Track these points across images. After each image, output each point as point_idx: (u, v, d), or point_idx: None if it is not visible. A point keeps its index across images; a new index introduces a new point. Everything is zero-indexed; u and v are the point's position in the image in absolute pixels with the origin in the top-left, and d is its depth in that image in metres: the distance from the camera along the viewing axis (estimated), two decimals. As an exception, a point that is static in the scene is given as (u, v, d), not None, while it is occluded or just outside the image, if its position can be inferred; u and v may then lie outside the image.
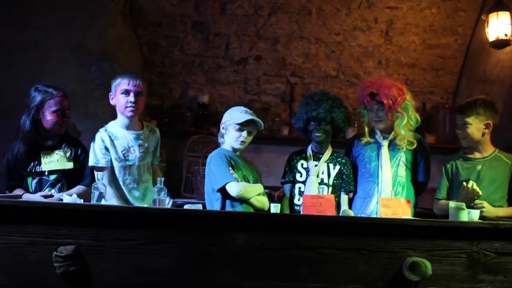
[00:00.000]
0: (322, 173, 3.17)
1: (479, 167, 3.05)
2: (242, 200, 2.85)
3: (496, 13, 3.89)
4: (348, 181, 3.17)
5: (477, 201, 2.86)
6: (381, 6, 4.62)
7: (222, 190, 2.83)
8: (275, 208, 2.64)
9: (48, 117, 2.98)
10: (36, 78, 3.88)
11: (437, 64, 4.95)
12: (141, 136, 3.09)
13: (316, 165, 3.17)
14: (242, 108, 3.02)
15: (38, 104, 2.96)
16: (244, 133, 2.95)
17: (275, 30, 4.80)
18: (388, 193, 2.94)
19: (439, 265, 2.19)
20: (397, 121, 3.10)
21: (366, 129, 3.22)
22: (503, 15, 3.86)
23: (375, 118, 3.13)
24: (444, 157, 3.26)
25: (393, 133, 3.14)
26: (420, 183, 3.21)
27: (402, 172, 3.11)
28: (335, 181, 3.16)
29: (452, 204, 2.51)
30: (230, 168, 2.86)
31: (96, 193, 2.56)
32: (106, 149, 2.98)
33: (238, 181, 2.82)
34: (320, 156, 3.20)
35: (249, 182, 2.95)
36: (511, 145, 3.47)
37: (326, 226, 2.24)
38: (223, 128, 3.00)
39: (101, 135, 3.01)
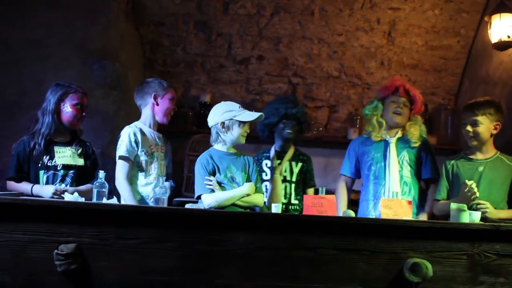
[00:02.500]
0: (285, 171, 3.35)
1: (481, 168, 3.03)
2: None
3: (499, 14, 3.88)
4: (310, 176, 3.41)
5: (480, 202, 2.86)
6: (383, 7, 4.61)
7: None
8: (276, 208, 2.64)
9: (69, 109, 3.07)
10: (38, 76, 3.91)
11: (439, 65, 4.93)
12: (161, 139, 3.24)
13: (279, 164, 3.35)
14: (233, 104, 3.02)
15: (62, 95, 3.06)
16: (247, 127, 3.00)
17: (277, 30, 4.79)
18: (397, 191, 2.96)
19: (440, 267, 2.20)
20: (410, 122, 3.22)
21: (383, 122, 3.25)
22: (506, 17, 3.85)
23: (397, 109, 3.19)
24: (445, 158, 3.26)
25: (400, 131, 3.21)
26: (427, 180, 3.24)
27: (407, 171, 3.14)
28: (298, 177, 3.35)
29: (453, 205, 2.51)
30: (210, 176, 2.89)
31: (97, 192, 2.56)
32: (136, 143, 3.05)
33: (214, 191, 2.85)
34: (283, 155, 3.39)
35: (235, 182, 2.93)
36: (513, 146, 3.47)
37: (327, 227, 2.25)
38: (223, 127, 2.99)
39: (133, 129, 3.09)
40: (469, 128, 3.02)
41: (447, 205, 2.88)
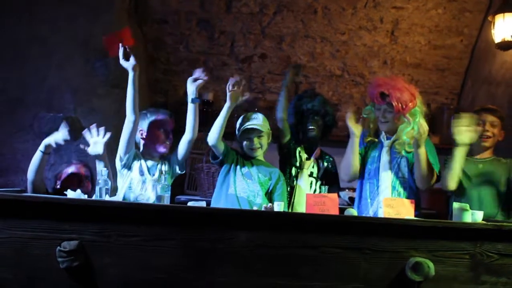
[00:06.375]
0: (312, 167, 3.29)
1: (481, 166, 3.11)
2: None
3: (502, 14, 3.88)
4: (335, 179, 3.31)
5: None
6: (387, 6, 4.60)
7: None
8: (278, 206, 2.64)
9: None
10: (41, 73, 3.91)
11: (442, 65, 4.93)
12: None
13: (307, 158, 3.28)
14: (241, 118, 3.15)
15: None
16: (253, 140, 3.05)
17: (280, 29, 4.79)
18: (387, 195, 2.93)
19: (442, 266, 2.20)
20: (402, 125, 3.01)
21: (372, 126, 3.16)
22: (510, 16, 3.84)
23: (382, 118, 3.06)
24: (448, 158, 3.26)
25: (395, 135, 3.12)
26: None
27: (405, 172, 3.09)
28: (322, 175, 3.28)
29: (455, 205, 2.51)
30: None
31: (100, 189, 2.56)
32: None
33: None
34: (311, 151, 3.32)
35: (249, 179, 3.02)
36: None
37: (330, 225, 2.25)
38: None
39: None
40: (488, 127, 3.08)
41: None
